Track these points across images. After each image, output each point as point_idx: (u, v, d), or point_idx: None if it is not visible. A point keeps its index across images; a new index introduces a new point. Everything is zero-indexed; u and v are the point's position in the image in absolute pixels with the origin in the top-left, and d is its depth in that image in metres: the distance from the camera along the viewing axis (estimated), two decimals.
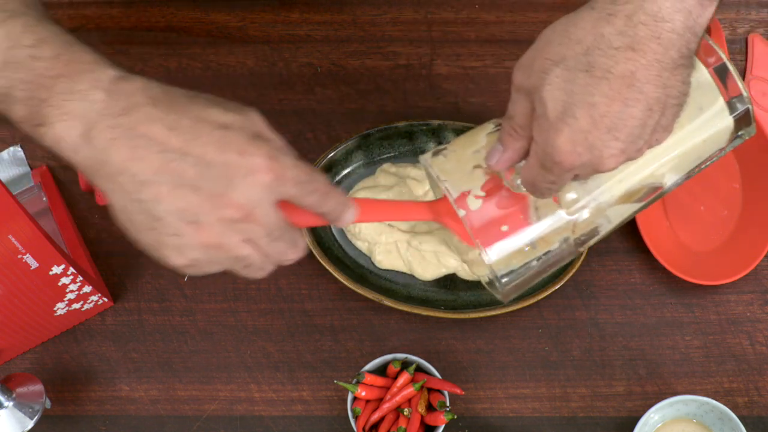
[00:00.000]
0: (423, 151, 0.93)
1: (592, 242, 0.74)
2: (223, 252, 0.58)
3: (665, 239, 0.91)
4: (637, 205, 0.73)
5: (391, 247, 0.90)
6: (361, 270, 0.90)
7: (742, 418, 0.83)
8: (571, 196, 0.70)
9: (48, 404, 0.84)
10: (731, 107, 0.69)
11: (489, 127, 0.73)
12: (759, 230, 0.88)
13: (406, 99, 0.97)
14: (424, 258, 0.89)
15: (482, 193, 0.70)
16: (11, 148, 0.96)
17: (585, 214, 0.71)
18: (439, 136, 0.92)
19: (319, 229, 0.91)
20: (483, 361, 0.90)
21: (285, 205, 0.60)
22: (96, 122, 0.56)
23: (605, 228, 0.73)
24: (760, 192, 0.90)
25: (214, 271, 0.60)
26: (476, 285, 0.90)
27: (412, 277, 0.90)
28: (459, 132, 0.91)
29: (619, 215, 0.73)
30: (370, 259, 0.91)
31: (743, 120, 0.70)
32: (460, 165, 0.71)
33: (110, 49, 0.99)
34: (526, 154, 0.65)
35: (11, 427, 0.81)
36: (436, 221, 0.74)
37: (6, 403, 0.81)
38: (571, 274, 0.87)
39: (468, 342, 0.90)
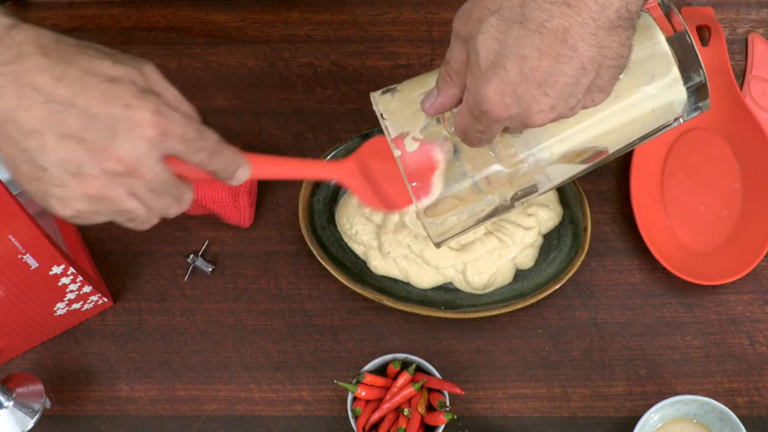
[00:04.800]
0: None
1: (531, 198, 0.73)
2: (107, 204, 0.59)
3: (665, 239, 0.91)
4: (581, 167, 0.72)
5: (387, 254, 0.89)
6: (361, 270, 0.90)
7: (742, 418, 0.83)
8: (509, 149, 0.70)
9: (48, 404, 0.84)
10: (686, 79, 0.69)
11: None
12: (759, 230, 0.88)
13: None
14: (421, 267, 0.89)
15: (421, 136, 0.70)
16: None
17: (523, 169, 0.70)
18: None
19: (318, 229, 0.91)
20: (483, 361, 0.90)
21: (175, 159, 0.60)
22: None
23: (545, 185, 0.72)
24: (760, 192, 0.90)
25: (100, 221, 0.60)
26: None
27: None
28: None
29: (560, 174, 0.72)
30: None
31: (699, 93, 0.69)
32: (405, 106, 0.71)
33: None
34: (459, 102, 0.65)
35: (11, 427, 0.81)
36: (338, 180, 0.74)
37: (6, 403, 0.81)
38: (571, 274, 0.87)
39: (468, 342, 0.90)
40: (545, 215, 0.90)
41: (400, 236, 0.88)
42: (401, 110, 0.71)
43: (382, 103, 0.72)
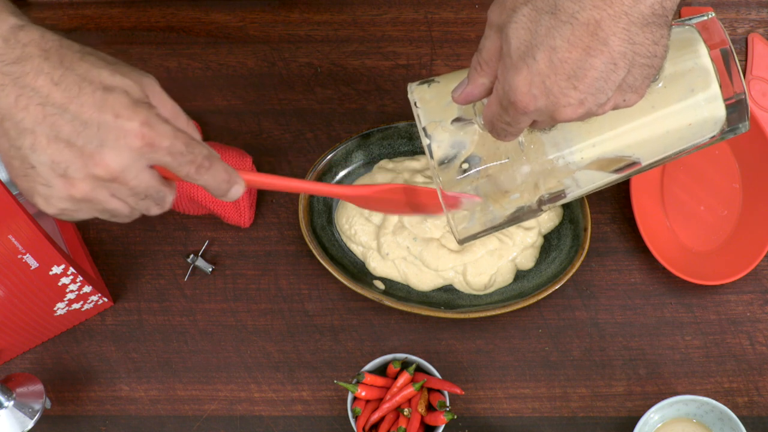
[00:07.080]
0: (423, 152, 0.93)
1: (558, 203, 0.73)
2: (91, 204, 0.60)
3: (665, 239, 0.91)
4: (612, 176, 0.72)
5: (386, 256, 0.89)
6: (360, 270, 0.90)
7: (742, 418, 0.83)
8: (539, 150, 0.69)
9: (48, 404, 0.84)
10: (726, 96, 0.68)
11: None
12: (759, 230, 0.88)
13: (406, 99, 0.97)
14: (420, 270, 0.89)
15: (451, 127, 0.70)
16: None
17: (552, 171, 0.70)
18: None
19: (318, 229, 0.91)
20: (483, 361, 0.90)
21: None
22: None
23: (573, 191, 0.72)
24: (760, 192, 0.90)
25: (83, 218, 0.62)
26: None
27: None
28: None
29: (589, 181, 0.72)
30: None
31: (738, 113, 0.69)
32: (440, 97, 0.71)
33: (110, 49, 0.99)
34: (488, 92, 0.64)
35: (11, 427, 0.81)
36: (336, 197, 0.74)
37: (6, 403, 0.81)
38: (571, 274, 0.87)
39: (468, 342, 0.90)
40: (545, 215, 0.90)
41: (399, 238, 0.88)
42: (435, 100, 0.71)
43: (417, 92, 0.72)
